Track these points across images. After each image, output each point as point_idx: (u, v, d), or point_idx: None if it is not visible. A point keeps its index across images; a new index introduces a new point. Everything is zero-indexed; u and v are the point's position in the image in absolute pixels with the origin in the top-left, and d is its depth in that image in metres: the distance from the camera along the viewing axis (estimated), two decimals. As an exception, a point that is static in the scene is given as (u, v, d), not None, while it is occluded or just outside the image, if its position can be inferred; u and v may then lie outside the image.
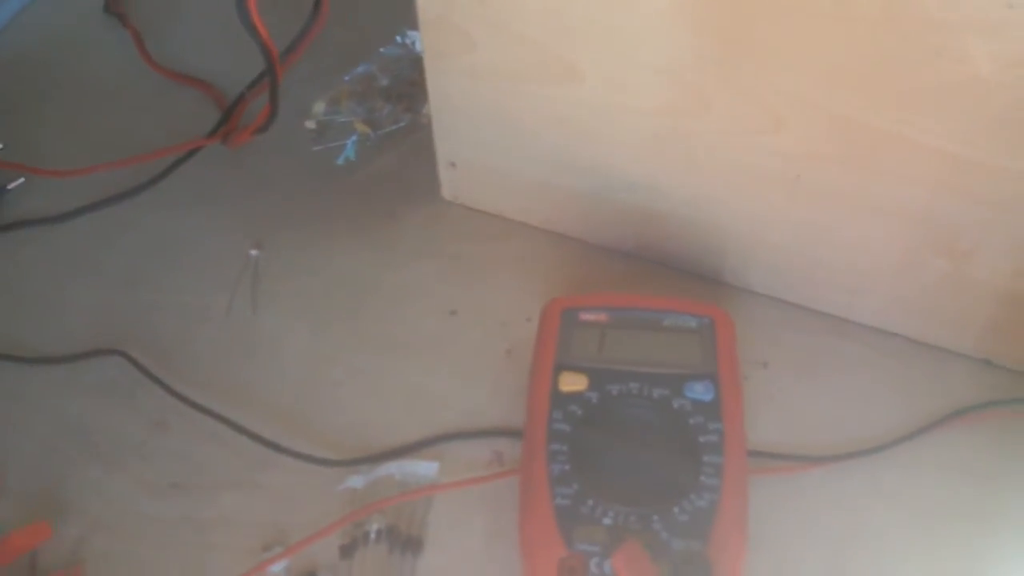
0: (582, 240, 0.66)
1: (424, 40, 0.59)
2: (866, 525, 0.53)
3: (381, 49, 0.74)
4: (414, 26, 0.60)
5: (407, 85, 0.72)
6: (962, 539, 0.52)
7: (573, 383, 0.53)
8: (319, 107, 0.72)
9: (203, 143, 0.71)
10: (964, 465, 0.55)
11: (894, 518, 0.53)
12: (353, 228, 0.68)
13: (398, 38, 0.74)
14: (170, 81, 0.78)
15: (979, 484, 0.54)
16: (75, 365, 0.60)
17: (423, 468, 0.55)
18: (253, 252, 0.66)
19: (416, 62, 0.71)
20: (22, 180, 0.70)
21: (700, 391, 0.52)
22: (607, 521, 0.48)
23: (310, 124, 0.72)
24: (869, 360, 0.59)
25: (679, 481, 0.49)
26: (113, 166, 0.68)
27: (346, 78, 0.73)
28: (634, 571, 0.46)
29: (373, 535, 0.53)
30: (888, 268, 0.57)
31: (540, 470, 0.50)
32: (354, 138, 0.71)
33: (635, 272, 0.64)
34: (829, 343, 0.60)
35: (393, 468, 0.55)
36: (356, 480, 0.55)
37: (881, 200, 0.54)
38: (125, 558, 0.53)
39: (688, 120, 0.55)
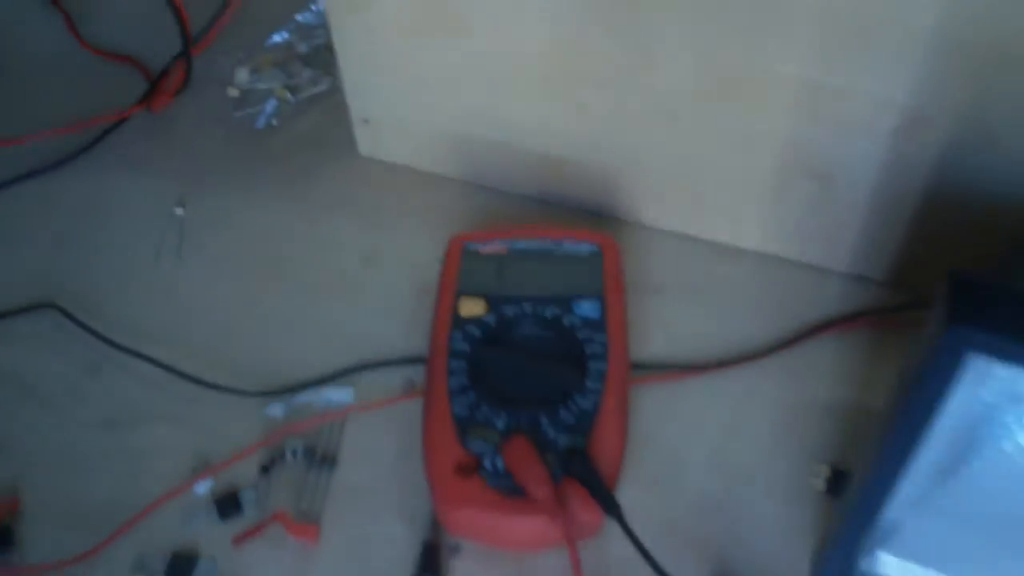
0: (490, 187, 0.70)
1: (327, 1, 0.64)
2: (744, 425, 0.58)
3: (298, 17, 0.78)
4: (324, -9, 0.65)
5: (324, 51, 0.77)
6: (829, 435, 0.57)
7: (472, 308, 0.57)
8: (241, 75, 0.76)
9: (130, 111, 0.75)
10: (835, 370, 0.60)
11: (769, 417, 0.58)
12: (274, 186, 0.72)
13: (312, 6, 0.78)
14: (99, 58, 0.81)
15: (848, 386, 0.59)
16: (10, 320, 0.64)
17: (338, 395, 0.59)
18: (178, 210, 0.70)
19: (331, 28, 0.76)
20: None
21: (588, 309, 0.57)
22: (499, 424, 0.52)
23: (232, 92, 0.76)
24: (751, 282, 0.64)
25: (566, 387, 0.54)
26: (46, 135, 0.72)
27: (266, 46, 0.77)
28: (522, 463, 0.50)
29: (291, 455, 0.57)
30: (763, 194, 0.62)
31: (440, 384, 0.54)
32: (274, 103, 0.75)
33: (539, 215, 0.69)
34: (715, 268, 0.65)
35: (310, 396, 0.59)
36: (275, 408, 0.59)
37: (749, 130, 0.58)
38: (62, 488, 0.56)
39: (571, 63, 0.60)
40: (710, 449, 0.57)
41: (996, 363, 0.35)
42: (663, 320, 0.63)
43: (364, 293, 0.65)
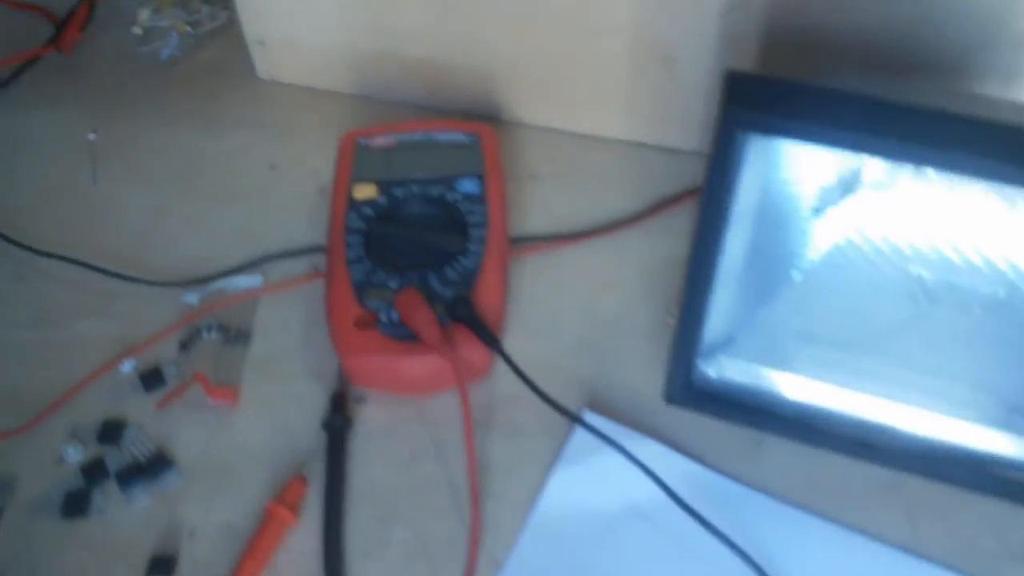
0: (382, 99, 0.77)
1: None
2: (613, 281, 0.65)
3: (194, -43, 0.84)
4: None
5: (221, -13, 0.82)
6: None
7: (365, 192, 0.64)
8: (144, 15, 0.82)
9: (41, 52, 0.80)
10: (688, 231, 0.67)
11: (634, 274, 0.65)
12: (180, 111, 0.77)
13: (206, -55, 0.84)
14: (9, 8, 0.85)
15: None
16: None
17: (248, 281, 0.65)
18: (91, 136, 0.75)
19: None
20: None
21: (469, 186, 0.64)
22: (392, 285, 0.59)
23: (136, 30, 0.81)
24: (616, 165, 0.72)
25: (450, 251, 0.61)
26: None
27: (166, -15, 0.83)
28: (412, 311, 0.57)
29: (206, 333, 0.63)
30: (620, 83, 0.69)
31: (339, 256, 0.61)
32: (176, 37, 0.80)
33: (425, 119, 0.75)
34: (585, 156, 0.73)
35: (223, 284, 0.65)
36: (191, 296, 0.65)
37: (599, 20, 0.66)
38: (-4, 378, 0.62)
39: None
40: (583, 303, 0.64)
41: (774, 140, 0.43)
42: (540, 203, 0.70)
43: (269, 196, 0.71)
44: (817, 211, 0.52)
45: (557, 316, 0.64)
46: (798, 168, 0.49)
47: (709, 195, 0.45)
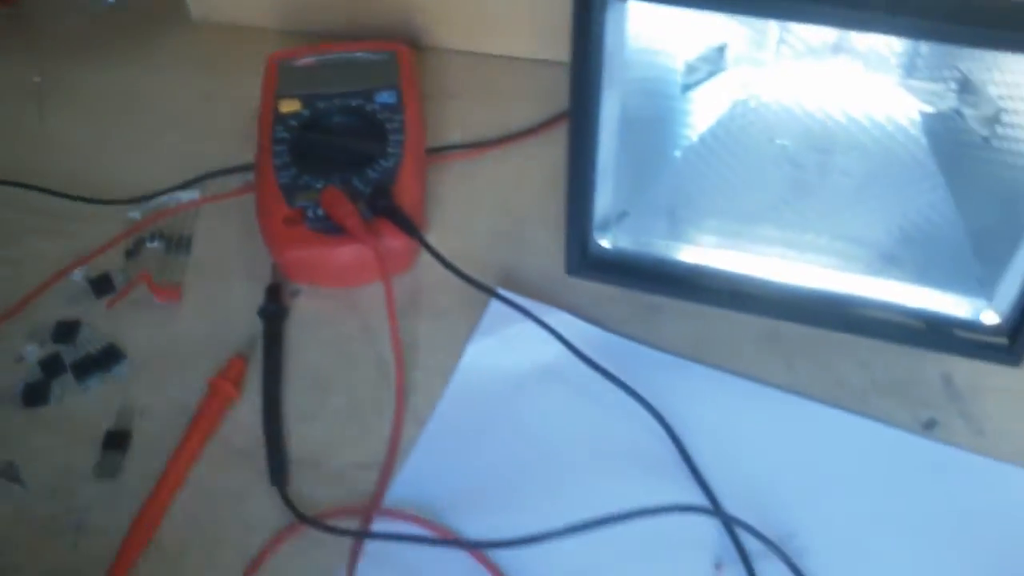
0: (307, 31, 0.82)
1: None
2: (524, 181, 0.71)
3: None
4: None
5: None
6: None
7: (290, 106, 0.69)
8: (82, -33, 0.87)
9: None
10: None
11: (543, 175, 0.71)
12: (119, 52, 0.83)
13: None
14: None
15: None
16: None
17: (186, 195, 0.71)
18: (36, 79, 0.80)
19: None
20: None
21: (386, 97, 0.70)
22: (318, 186, 0.65)
23: (76, -19, 0.86)
24: (527, 82, 0.78)
25: (370, 154, 0.66)
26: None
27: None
28: (335, 205, 0.62)
29: (150, 242, 0.68)
30: (527, 6, 0.75)
31: (267, 164, 0.66)
32: (114, -15, 0.85)
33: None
34: (498, 75, 0.79)
35: (164, 199, 0.71)
36: (135, 211, 0.70)
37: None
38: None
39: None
40: (497, 202, 0.70)
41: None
42: (458, 118, 0.76)
43: (205, 123, 0.77)
44: (687, 88, 0.59)
45: (474, 214, 0.70)
46: (662, 39, 0.55)
47: (577, 64, 0.51)
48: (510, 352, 0.62)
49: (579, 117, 0.54)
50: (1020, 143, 0.52)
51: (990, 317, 0.56)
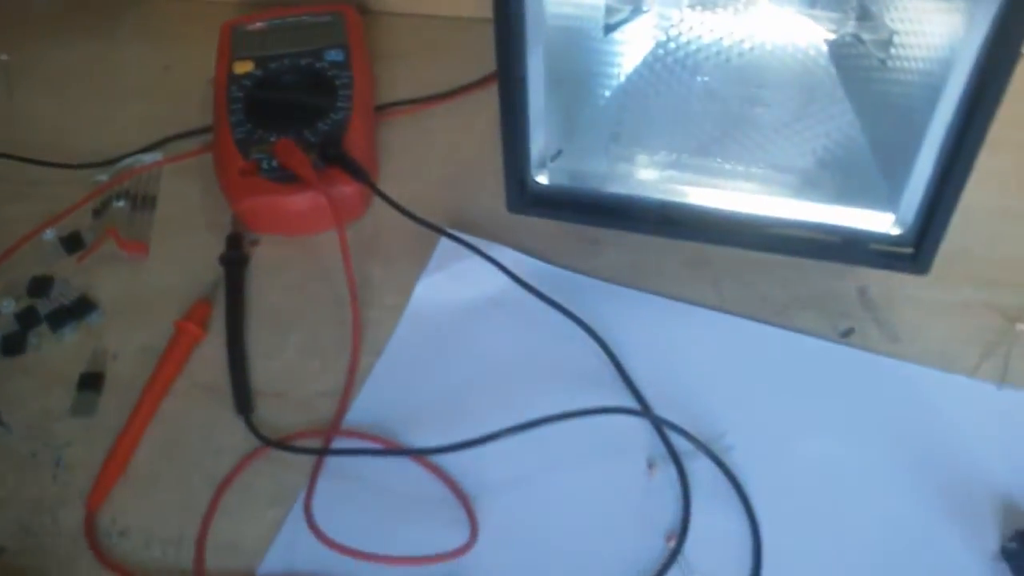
0: (263, 3, 0.86)
1: None
2: (471, 132, 0.75)
3: None
4: None
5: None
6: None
7: (243, 67, 0.73)
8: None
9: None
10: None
11: (487, 126, 0.75)
12: (82, 29, 0.87)
13: None
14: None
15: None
16: None
17: (150, 157, 0.75)
18: (3, 57, 0.84)
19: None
20: None
21: (334, 55, 0.74)
22: (272, 139, 0.68)
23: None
24: (471, 40, 0.80)
25: (321, 107, 0.70)
26: None
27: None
28: (288, 155, 0.66)
29: (116, 201, 0.72)
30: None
31: (223, 121, 0.70)
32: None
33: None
34: (444, 34, 0.83)
35: (128, 161, 0.74)
36: (102, 174, 0.74)
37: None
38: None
39: None
40: (445, 151, 0.75)
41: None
42: (407, 76, 0.80)
43: (165, 91, 0.81)
44: (610, 28, 0.63)
45: (424, 163, 0.74)
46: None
47: (499, 11, 0.54)
48: (458, 286, 0.66)
49: (505, 64, 0.57)
50: (911, 62, 0.56)
51: (896, 229, 0.60)
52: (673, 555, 0.53)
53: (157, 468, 0.59)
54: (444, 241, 0.67)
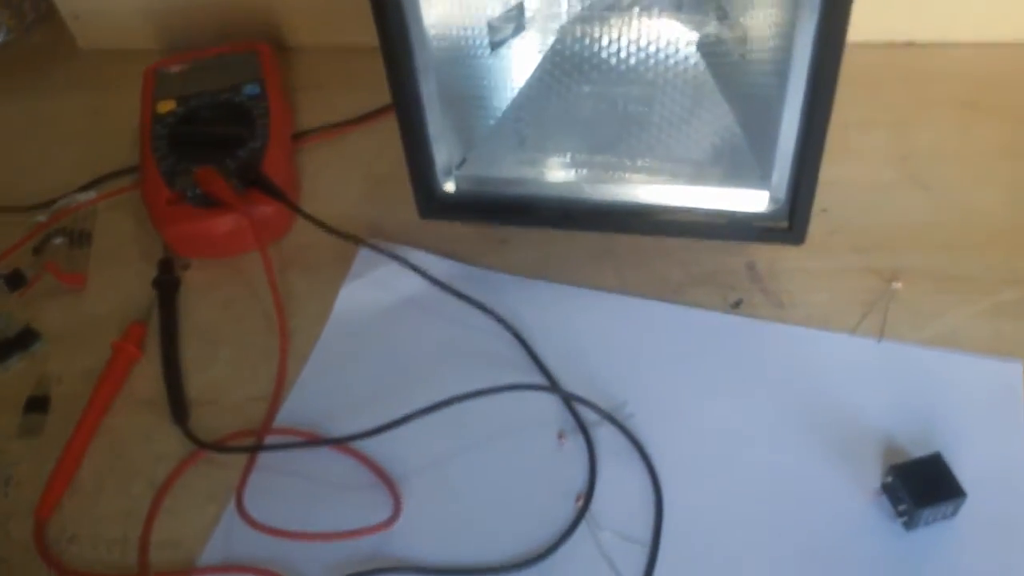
0: (184, 47, 0.91)
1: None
2: (384, 153, 0.80)
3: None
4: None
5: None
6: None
7: (166, 106, 0.78)
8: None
9: None
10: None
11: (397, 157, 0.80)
12: (15, 83, 0.93)
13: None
14: None
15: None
16: None
17: (84, 195, 0.79)
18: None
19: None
20: None
21: (251, 89, 0.79)
22: (195, 169, 0.73)
23: (-30, 28, 0.95)
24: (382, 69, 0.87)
25: (240, 137, 0.75)
26: None
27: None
28: (209, 182, 0.71)
29: (54, 238, 0.76)
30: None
31: (149, 157, 0.75)
32: (4, 27, 0.94)
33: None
34: (359, 64, 0.86)
35: (64, 201, 0.79)
36: (41, 215, 0.78)
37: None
38: None
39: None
40: (362, 169, 0.80)
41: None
42: (324, 105, 0.85)
43: (97, 134, 0.86)
44: (496, 45, 0.68)
45: (342, 182, 0.79)
46: (461, 3, 0.64)
47: (385, 41, 0.60)
48: (378, 291, 0.71)
49: (397, 87, 0.63)
50: (763, 53, 0.62)
51: (771, 205, 0.66)
52: (581, 513, 0.58)
53: (101, 478, 0.63)
54: (363, 251, 0.72)
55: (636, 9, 0.67)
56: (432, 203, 0.71)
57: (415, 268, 0.70)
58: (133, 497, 0.62)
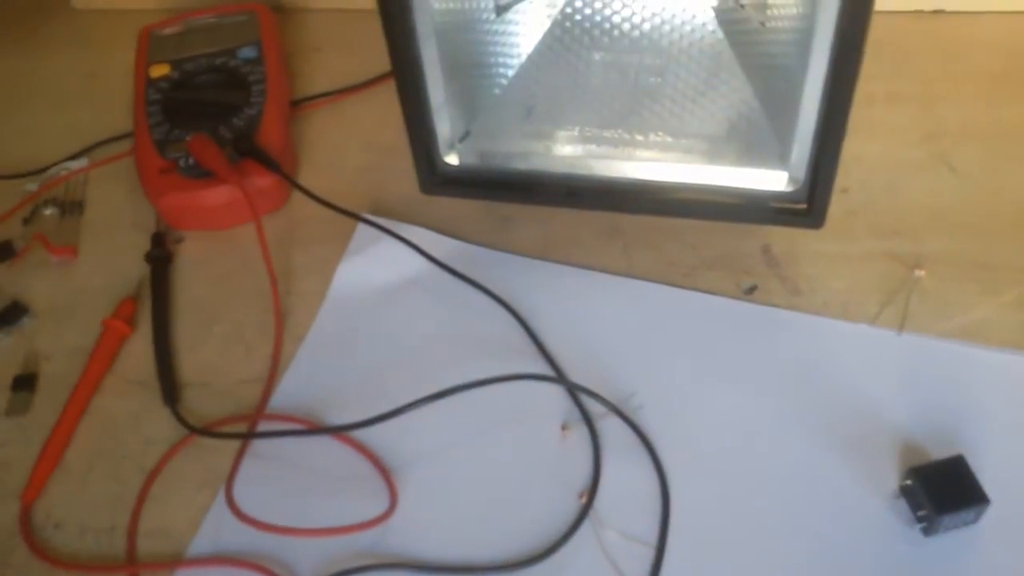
0: (180, 8, 0.87)
1: None
2: (387, 120, 0.76)
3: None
4: None
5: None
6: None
7: (159, 71, 0.75)
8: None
9: None
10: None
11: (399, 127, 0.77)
12: (8, 43, 0.89)
13: None
14: None
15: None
16: None
17: (76, 163, 0.76)
18: (-70, 75, 0.86)
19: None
20: None
21: (248, 53, 0.76)
22: (188, 137, 0.70)
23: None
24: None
25: (235, 104, 0.72)
26: None
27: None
28: (203, 151, 0.68)
29: (44, 208, 0.74)
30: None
31: (142, 123, 0.72)
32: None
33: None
34: (359, 27, 0.82)
35: (55, 169, 0.76)
36: (31, 184, 0.76)
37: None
38: None
39: None
40: (363, 139, 0.77)
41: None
42: (324, 69, 0.82)
43: (91, 98, 0.83)
44: (502, 9, 0.65)
45: (341, 153, 0.76)
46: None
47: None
48: (377, 269, 0.68)
49: (397, 53, 0.60)
50: (784, 20, 0.59)
51: (790, 185, 0.62)
52: (584, 511, 0.55)
53: (89, 461, 0.61)
54: (361, 226, 0.69)
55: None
56: (434, 178, 0.68)
57: (413, 246, 0.67)
58: (121, 481, 0.60)
